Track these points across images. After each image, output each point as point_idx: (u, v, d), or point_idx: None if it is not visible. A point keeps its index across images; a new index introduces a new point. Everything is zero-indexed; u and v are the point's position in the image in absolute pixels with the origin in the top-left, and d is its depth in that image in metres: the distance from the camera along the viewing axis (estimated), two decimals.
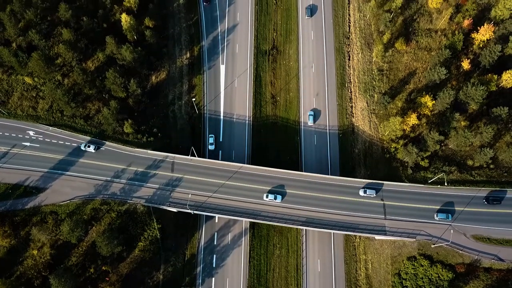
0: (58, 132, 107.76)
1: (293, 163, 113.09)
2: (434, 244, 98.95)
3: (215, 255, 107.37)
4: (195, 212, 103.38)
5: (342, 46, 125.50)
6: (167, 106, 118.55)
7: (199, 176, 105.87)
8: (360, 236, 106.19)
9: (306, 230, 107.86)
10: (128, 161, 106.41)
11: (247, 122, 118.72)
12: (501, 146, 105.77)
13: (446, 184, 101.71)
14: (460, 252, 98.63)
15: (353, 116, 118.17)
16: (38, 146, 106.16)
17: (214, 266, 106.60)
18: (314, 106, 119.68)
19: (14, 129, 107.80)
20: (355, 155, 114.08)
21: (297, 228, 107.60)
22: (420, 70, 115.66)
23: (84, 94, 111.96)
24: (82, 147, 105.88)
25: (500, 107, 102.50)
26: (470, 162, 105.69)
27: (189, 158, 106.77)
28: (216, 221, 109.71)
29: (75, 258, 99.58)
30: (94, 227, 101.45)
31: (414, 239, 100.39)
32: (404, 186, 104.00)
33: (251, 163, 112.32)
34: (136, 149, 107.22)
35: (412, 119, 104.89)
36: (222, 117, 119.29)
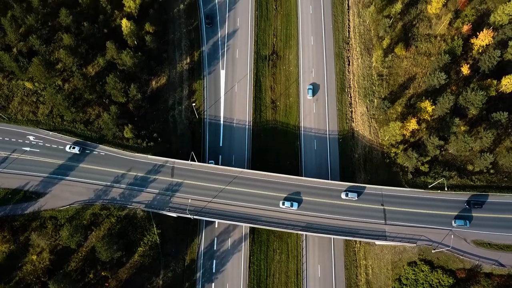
0: (58, 137, 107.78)
1: (293, 168, 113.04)
2: (434, 250, 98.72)
3: (215, 261, 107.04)
4: (195, 217, 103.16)
5: (342, 51, 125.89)
6: (167, 111, 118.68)
7: (199, 181, 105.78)
8: (360, 241, 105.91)
9: (306, 235, 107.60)
10: (128, 166, 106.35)
11: (247, 127, 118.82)
12: (501, 151, 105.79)
13: (446, 189, 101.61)
14: (461, 257, 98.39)
15: (353, 121, 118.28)
16: (38, 151, 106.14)
17: (214, 271, 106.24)
18: (313, 81, 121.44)
19: (14, 134, 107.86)
20: (355, 160, 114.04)
21: (297, 233, 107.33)
22: (420, 75, 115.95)
23: (84, 99, 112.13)
24: (67, 148, 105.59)
25: (500, 112, 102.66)
26: (470, 167, 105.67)
27: (189, 163, 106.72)
28: (216, 226, 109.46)
29: (75, 264, 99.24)
30: (93, 232, 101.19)
31: (415, 244, 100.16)
32: (404, 191, 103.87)
33: (251, 168, 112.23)
34: (136, 154, 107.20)
35: (412, 124, 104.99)
36: (222, 122, 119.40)
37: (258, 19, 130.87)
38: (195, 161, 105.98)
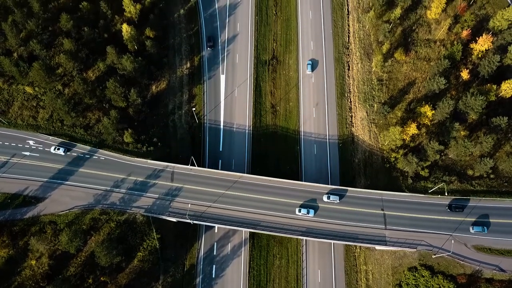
0: (58, 142, 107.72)
1: (293, 173, 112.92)
2: (435, 255, 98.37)
3: (214, 266, 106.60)
4: (195, 222, 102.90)
5: (342, 56, 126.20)
6: (167, 115, 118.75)
7: (198, 185, 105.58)
8: (360, 246, 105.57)
9: (306, 240, 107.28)
10: (128, 170, 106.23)
11: (247, 131, 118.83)
12: (501, 156, 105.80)
13: (446, 194, 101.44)
14: (461, 262, 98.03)
15: (353, 125, 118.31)
16: (37, 156, 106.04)
17: (214, 276, 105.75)
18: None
19: (14, 138, 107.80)
20: (355, 165, 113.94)
21: (297, 238, 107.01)
22: (420, 80, 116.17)
23: (85, 104, 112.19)
24: (52, 150, 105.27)
25: (500, 117, 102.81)
26: (470, 172, 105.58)
27: (189, 167, 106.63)
28: (216, 231, 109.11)
29: (74, 269, 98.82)
30: (93, 237, 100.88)
31: (415, 250, 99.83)
32: (405, 196, 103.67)
33: (251, 173, 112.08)
34: (136, 158, 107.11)
35: (412, 129, 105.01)
36: (222, 126, 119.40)
37: (258, 24, 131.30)
38: (195, 165, 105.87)
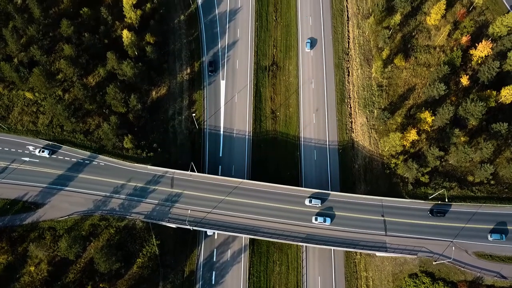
0: (57, 147, 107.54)
1: (293, 179, 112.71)
2: (435, 261, 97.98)
3: (214, 272, 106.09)
4: (194, 228, 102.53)
5: (342, 62, 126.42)
6: (167, 121, 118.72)
7: (198, 191, 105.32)
8: (361, 252, 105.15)
9: (306, 246, 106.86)
10: (128, 176, 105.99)
11: (247, 137, 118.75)
12: (501, 162, 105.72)
13: (446, 200, 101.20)
14: (462, 269, 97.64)
15: (353, 131, 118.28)
16: (37, 161, 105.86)
17: (214, 283, 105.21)
18: (311, 35, 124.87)
19: (13, 144, 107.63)
20: (355, 171, 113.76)
21: (297, 245, 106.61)
22: (419, 86, 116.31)
23: (85, 109, 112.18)
24: (37, 152, 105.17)
25: (500, 123, 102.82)
26: (470, 178, 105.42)
27: (188, 173, 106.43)
28: (216, 237, 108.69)
29: (73, 275, 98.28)
30: (92, 243, 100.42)
31: (416, 256, 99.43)
32: (405, 202, 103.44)
33: (251, 178, 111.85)
34: (135, 164, 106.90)
35: (412, 135, 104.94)
36: (222, 132, 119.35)
37: (258, 30, 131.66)
38: (195, 171, 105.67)
